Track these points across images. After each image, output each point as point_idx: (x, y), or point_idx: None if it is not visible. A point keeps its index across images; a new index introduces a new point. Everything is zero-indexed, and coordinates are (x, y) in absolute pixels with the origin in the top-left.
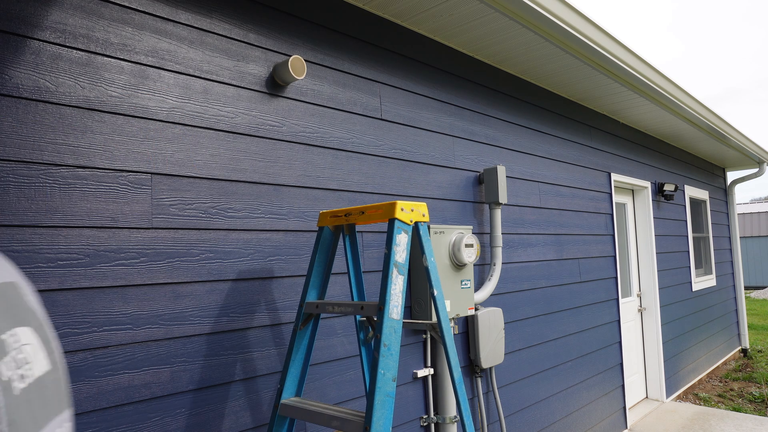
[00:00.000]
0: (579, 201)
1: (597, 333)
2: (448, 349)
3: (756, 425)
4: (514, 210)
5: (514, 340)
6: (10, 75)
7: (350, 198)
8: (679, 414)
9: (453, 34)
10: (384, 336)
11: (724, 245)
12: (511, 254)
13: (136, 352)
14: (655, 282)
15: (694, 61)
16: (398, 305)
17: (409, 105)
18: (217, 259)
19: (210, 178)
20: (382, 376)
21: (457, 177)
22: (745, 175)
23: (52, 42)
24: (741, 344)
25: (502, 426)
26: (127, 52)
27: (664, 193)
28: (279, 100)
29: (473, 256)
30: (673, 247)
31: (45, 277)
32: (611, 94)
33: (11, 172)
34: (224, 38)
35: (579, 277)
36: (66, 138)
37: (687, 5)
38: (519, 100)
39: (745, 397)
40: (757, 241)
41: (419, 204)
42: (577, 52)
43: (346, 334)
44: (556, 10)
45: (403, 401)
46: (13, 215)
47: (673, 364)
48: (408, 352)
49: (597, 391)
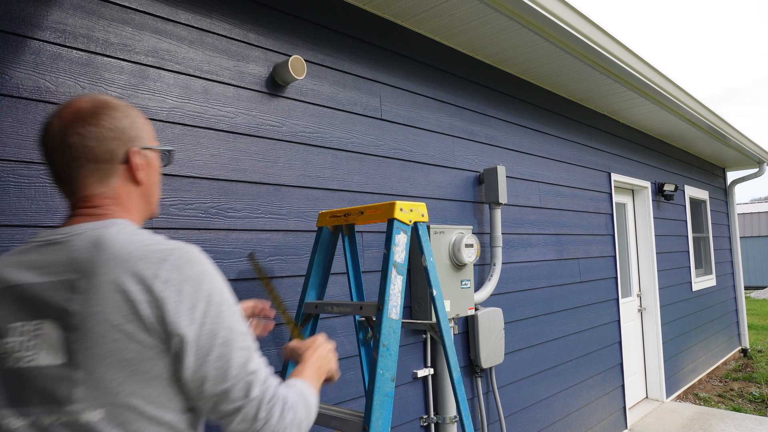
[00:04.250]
0: (579, 201)
1: (597, 333)
2: (447, 349)
3: (756, 425)
4: (514, 210)
5: (514, 340)
6: (10, 75)
7: (350, 198)
8: (679, 414)
9: (453, 34)
10: (383, 336)
11: (724, 245)
12: (511, 254)
13: None
14: (655, 282)
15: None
16: (397, 305)
17: (409, 105)
18: (217, 259)
19: (210, 178)
20: (381, 376)
21: (457, 177)
22: (745, 175)
23: (52, 42)
24: (741, 344)
25: (502, 426)
26: (127, 52)
27: (664, 193)
28: (279, 100)
29: (473, 256)
30: (673, 247)
31: None
32: (611, 94)
33: (11, 172)
34: (224, 38)
35: (579, 277)
36: None
37: (687, 5)
38: (519, 100)
39: (745, 397)
40: (757, 241)
41: (418, 204)
42: (577, 52)
43: (346, 334)
44: (556, 10)
45: (403, 401)
46: (13, 215)
47: (673, 364)
48: (408, 352)
49: (597, 391)
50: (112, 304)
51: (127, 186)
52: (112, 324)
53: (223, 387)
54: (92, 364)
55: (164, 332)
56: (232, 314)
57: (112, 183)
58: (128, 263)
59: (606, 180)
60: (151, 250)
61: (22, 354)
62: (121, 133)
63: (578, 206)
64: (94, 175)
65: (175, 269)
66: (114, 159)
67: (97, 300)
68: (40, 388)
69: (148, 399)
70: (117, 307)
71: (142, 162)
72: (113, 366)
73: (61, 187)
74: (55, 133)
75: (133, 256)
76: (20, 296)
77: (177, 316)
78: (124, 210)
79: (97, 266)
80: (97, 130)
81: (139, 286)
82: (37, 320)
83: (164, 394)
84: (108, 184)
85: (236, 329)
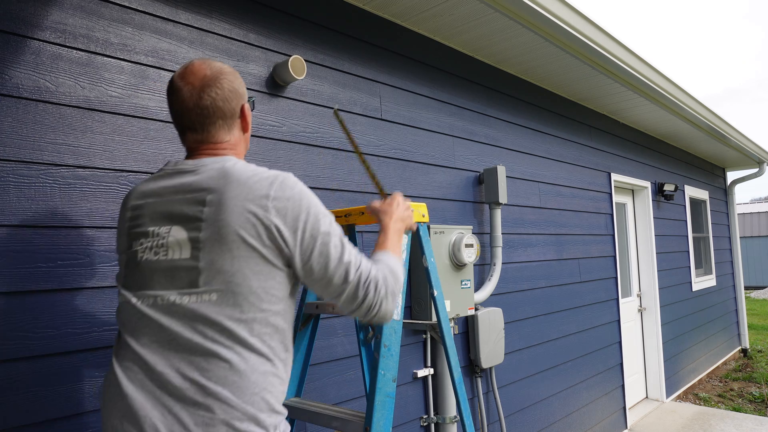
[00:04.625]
0: (579, 201)
1: (597, 333)
2: (448, 349)
3: (756, 425)
4: (514, 210)
5: (514, 340)
6: (10, 75)
7: (350, 198)
8: (679, 414)
9: (453, 34)
10: (384, 337)
11: (724, 245)
12: (511, 254)
13: None
14: (655, 282)
15: (694, 61)
16: (398, 306)
17: (409, 105)
18: None
19: None
20: (382, 376)
21: (457, 177)
22: (745, 175)
23: (52, 42)
24: (741, 344)
25: (502, 426)
26: (127, 52)
27: (664, 193)
28: (279, 100)
29: (473, 256)
30: (673, 247)
31: (45, 277)
32: (611, 94)
33: (11, 172)
34: (224, 38)
35: (579, 277)
36: (66, 138)
37: (687, 5)
38: (519, 100)
39: (745, 397)
40: (757, 241)
41: (419, 204)
42: (578, 52)
43: (346, 334)
44: (556, 10)
45: (404, 401)
46: (13, 215)
47: (673, 364)
48: (408, 352)
49: (597, 391)
50: (234, 213)
51: (239, 133)
52: (233, 229)
53: (327, 276)
54: (213, 258)
55: (275, 237)
56: (325, 219)
57: (233, 132)
58: (247, 185)
59: (606, 180)
60: (262, 176)
61: (155, 251)
62: (237, 94)
63: (578, 206)
64: (223, 128)
65: (281, 189)
66: (234, 114)
67: (222, 210)
68: (168, 276)
69: (255, 285)
70: (238, 216)
71: (248, 114)
72: (229, 260)
73: (190, 134)
74: (190, 98)
75: (251, 180)
76: (156, 208)
77: (284, 225)
78: (236, 151)
79: (224, 187)
80: (223, 93)
81: (256, 203)
82: (168, 226)
83: (271, 284)
84: (231, 133)
85: (331, 231)
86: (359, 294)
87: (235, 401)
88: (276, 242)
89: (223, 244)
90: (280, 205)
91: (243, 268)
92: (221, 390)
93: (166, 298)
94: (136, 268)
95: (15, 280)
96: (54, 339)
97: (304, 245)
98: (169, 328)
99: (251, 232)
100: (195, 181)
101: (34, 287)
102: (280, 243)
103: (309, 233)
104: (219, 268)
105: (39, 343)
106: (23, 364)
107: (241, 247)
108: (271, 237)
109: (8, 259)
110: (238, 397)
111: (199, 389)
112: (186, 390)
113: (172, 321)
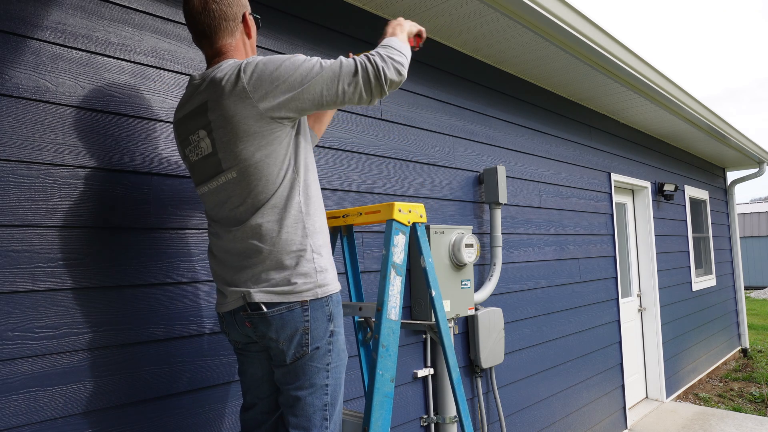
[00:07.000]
0: (579, 201)
1: (597, 333)
2: (446, 349)
3: (756, 425)
4: (514, 210)
5: (514, 340)
6: (10, 75)
7: (350, 198)
8: (679, 414)
9: (453, 33)
10: (382, 337)
11: (724, 245)
12: (511, 254)
13: (136, 352)
14: (655, 282)
15: (694, 61)
16: (396, 306)
17: (409, 105)
18: None
19: None
20: (381, 376)
21: (457, 177)
22: (745, 175)
23: (52, 42)
24: (741, 344)
25: (502, 426)
26: (127, 52)
27: (664, 193)
28: None
29: (473, 256)
30: (673, 247)
31: (45, 277)
32: (611, 94)
33: (11, 172)
34: None
35: (579, 277)
36: (66, 138)
37: (687, 5)
38: (519, 100)
39: (745, 397)
40: (757, 241)
41: (417, 205)
42: (577, 52)
43: (345, 334)
44: (556, 10)
45: (403, 401)
46: (13, 215)
47: (673, 364)
48: (408, 352)
49: (597, 391)
50: (230, 102)
51: (243, 38)
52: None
53: (327, 98)
54: (226, 144)
55: (263, 107)
56: (293, 66)
57: (236, 35)
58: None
59: (606, 180)
60: (246, 62)
61: (196, 152)
62: (239, 1)
63: (578, 206)
64: (226, 30)
65: (258, 66)
66: (237, 18)
67: (222, 106)
68: (206, 169)
69: (263, 154)
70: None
71: (250, 22)
72: (239, 141)
73: (204, 41)
74: (200, 3)
75: (237, 68)
76: (187, 120)
77: (265, 92)
78: (240, 54)
79: (219, 81)
80: None
81: (240, 85)
82: (196, 131)
83: (276, 142)
84: (234, 36)
85: (299, 68)
86: (369, 70)
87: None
88: (265, 107)
89: (230, 132)
90: (255, 79)
91: (249, 144)
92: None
93: (213, 183)
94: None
95: (15, 280)
96: (54, 339)
97: (291, 97)
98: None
99: (244, 113)
100: (204, 89)
101: (34, 287)
102: (269, 107)
103: (286, 86)
104: (232, 152)
105: (39, 343)
106: (24, 364)
107: (245, 125)
108: (260, 107)
109: (8, 259)
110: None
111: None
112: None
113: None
